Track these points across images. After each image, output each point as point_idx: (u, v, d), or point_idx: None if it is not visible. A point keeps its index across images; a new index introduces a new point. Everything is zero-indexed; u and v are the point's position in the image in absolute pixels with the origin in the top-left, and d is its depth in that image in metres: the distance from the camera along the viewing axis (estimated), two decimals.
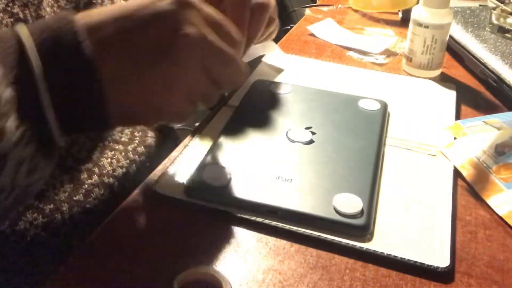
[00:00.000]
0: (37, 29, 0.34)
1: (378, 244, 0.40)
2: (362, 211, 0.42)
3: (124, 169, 0.54)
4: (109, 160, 0.53)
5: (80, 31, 0.34)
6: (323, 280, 0.38)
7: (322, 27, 0.85)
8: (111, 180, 0.53)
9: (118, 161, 0.54)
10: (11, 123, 0.31)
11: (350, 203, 0.42)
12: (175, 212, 0.44)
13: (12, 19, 0.44)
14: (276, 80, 0.65)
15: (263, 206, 0.43)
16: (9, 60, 0.32)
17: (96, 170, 0.52)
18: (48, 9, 0.48)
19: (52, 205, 0.48)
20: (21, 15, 0.45)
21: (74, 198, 0.49)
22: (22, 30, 0.34)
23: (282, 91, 0.60)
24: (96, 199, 0.51)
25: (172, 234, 0.41)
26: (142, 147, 0.58)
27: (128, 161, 0.55)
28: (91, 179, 0.51)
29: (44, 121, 0.33)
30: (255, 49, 0.64)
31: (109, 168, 0.53)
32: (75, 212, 0.49)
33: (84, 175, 0.51)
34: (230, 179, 0.45)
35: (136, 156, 0.57)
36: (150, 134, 0.61)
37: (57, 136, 0.35)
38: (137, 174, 0.56)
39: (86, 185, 0.50)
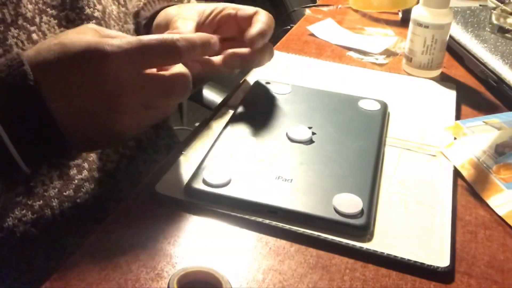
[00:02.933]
0: None
1: (378, 244, 0.40)
2: (362, 211, 0.42)
3: (114, 164, 0.54)
4: (99, 155, 0.53)
5: (27, 68, 0.38)
6: (323, 280, 0.38)
7: (322, 27, 0.85)
8: (101, 174, 0.52)
9: (107, 155, 0.54)
10: None
11: (350, 203, 0.42)
12: (175, 211, 0.44)
13: None
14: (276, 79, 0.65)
15: (263, 206, 0.43)
16: None
17: (86, 165, 0.51)
18: (30, 6, 0.48)
19: (41, 201, 0.47)
20: None
21: (64, 193, 0.49)
22: None
23: (282, 91, 0.60)
24: (87, 194, 0.51)
25: (172, 234, 0.41)
26: (132, 141, 0.58)
27: (118, 155, 0.55)
28: (81, 175, 0.51)
29: (6, 153, 0.38)
30: None
31: (99, 163, 0.53)
32: (66, 208, 0.49)
33: (73, 171, 0.50)
34: (230, 179, 0.45)
35: (126, 149, 0.56)
36: None
37: (22, 165, 0.39)
38: (129, 167, 0.56)
39: (76, 181, 0.50)
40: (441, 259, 0.39)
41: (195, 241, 0.41)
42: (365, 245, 0.40)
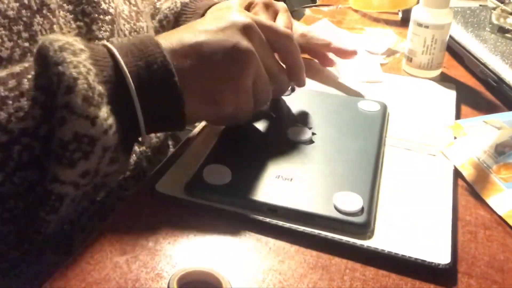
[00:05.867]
0: (129, 53, 0.41)
1: (378, 241, 0.40)
2: (362, 209, 0.42)
3: None
4: None
5: (167, 57, 0.42)
6: (323, 280, 0.38)
7: (318, 28, 0.85)
8: None
9: None
10: (102, 113, 0.37)
11: (350, 201, 0.42)
12: (175, 211, 0.44)
13: None
14: None
15: (263, 204, 0.43)
16: (106, 75, 0.39)
17: None
18: None
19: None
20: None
21: None
22: (114, 50, 0.41)
23: None
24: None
25: (172, 234, 0.41)
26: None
27: None
28: None
29: (134, 119, 0.41)
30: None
31: None
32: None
33: None
34: (230, 179, 0.45)
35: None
36: None
37: (143, 132, 0.42)
38: (135, 167, 0.56)
39: None
40: (441, 257, 0.39)
41: (195, 241, 0.41)
42: (365, 243, 0.40)
